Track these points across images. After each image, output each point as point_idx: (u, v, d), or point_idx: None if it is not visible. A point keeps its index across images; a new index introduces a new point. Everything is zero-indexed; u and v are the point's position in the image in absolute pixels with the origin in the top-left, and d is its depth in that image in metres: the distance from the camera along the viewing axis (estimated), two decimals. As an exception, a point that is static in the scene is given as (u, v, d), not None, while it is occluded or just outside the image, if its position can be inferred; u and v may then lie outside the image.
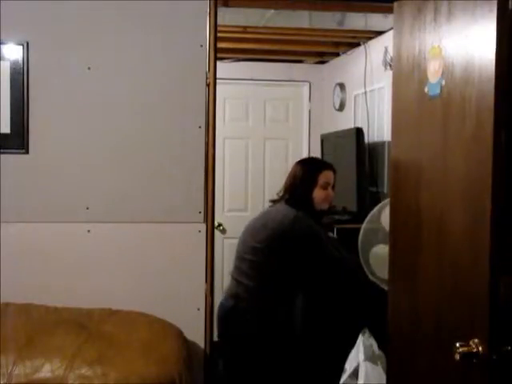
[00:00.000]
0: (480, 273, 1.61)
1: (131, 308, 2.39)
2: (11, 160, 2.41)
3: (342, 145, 4.09)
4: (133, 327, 2.27)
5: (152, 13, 2.44)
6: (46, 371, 1.98)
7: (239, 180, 5.03)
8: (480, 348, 1.59)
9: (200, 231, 2.50)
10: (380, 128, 3.98)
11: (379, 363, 2.53)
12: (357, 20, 3.66)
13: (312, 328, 3.22)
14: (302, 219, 2.75)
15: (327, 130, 4.80)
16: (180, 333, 2.36)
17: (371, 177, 3.93)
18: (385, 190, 3.80)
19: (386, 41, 3.79)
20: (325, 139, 4.62)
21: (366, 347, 2.58)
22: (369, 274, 2.75)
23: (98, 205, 2.46)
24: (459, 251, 1.74)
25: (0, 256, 2.37)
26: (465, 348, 1.61)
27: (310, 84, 5.13)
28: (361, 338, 2.63)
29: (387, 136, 3.78)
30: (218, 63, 2.52)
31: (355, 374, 2.59)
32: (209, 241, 2.51)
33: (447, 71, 1.79)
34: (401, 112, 2.13)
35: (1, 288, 2.34)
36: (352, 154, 3.81)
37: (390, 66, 3.64)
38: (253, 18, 3.57)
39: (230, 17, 3.40)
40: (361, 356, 2.58)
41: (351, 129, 4.05)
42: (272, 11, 3.39)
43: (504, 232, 1.57)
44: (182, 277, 2.50)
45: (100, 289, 2.45)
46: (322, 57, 4.91)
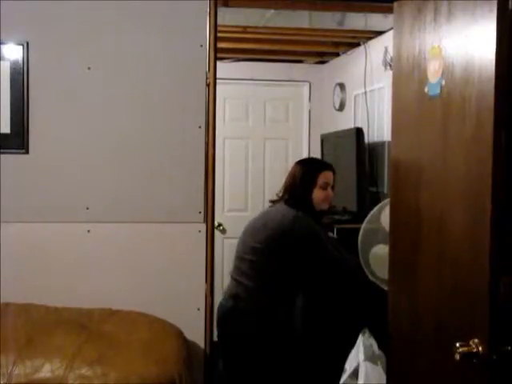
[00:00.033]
0: (480, 273, 1.61)
1: (131, 308, 2.39)
2: (11, 160, 2.41)
3: (342, 145, 4.09)
4: (133, 327, 2.27)
5: (152, 13, 2.45)
6: (46, 371, 1.98)
7: (239, 180, 5.03)
8: (480, 348, 1.59)
9: (200, 231, 2.50)
10: (380, 128, 3.98)
11: (379, 363, 2.53)
12: (357, 20, 3.66)
13: (312, 328, 3.22)
14: (302, 219, 2.75)
15: (327, 130, 4.80)
16: (180, 333, 2.36)
17: (371, 177, 3.93)
18: (385, 190, 3.80)
19: (386, 41, 3.79)
20: (325, 139, 4.62)
21: (366, 347, 2.58)
22: (369, 274, 2.75)
23: (98, 205, 2.46)
24: (459, 251, 1.74)
25: (0, 256, 2.37)
26: (465, 348, 1.61)
27: (310, 84, 5.13)
28: (361, 338, 2.63)
29: (387, 136, 3.78)
30: (218, 63, 2.52)
31: (355, 374, 2.59)
32: (209, 241, 2.51)
33: (447, 71, 1.79)
34: (401, 112, 2.13)
35: (1, 288, 2.35)
36: (352, 154, 3.81)
37: (390, 66, 3.64)
38: (253, 18, 3.57)
39: (230, 17, 3.40)
40: (361, 356, 2.58)
41: (351, 129, 4.05)
42: (272, 11, 3.39)
43: (504, 232, 1.57)
44: (182, 277, 2.50)
45: (100, 289, 2.46)
46: (322, 57, 4.91)
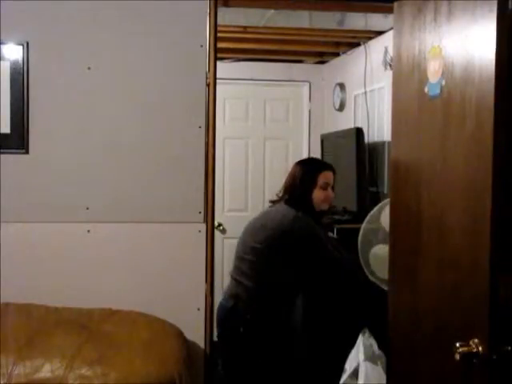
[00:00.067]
0: (480, 273, 1.61)
1: (131, 308, 2.39)
2: (11, 160, 2.41)
3: (342, 145, 4.09)
4: (133, 327, 2.27)
5: (152, 13, 2.45)
6: (46, 371, 1.98)
7: (239, 180, 5.03)
8: (480, 348, 1.59)
9: (200, 231, 2.50)
10: (380, 128, 3.98)
11: (379, 363, 2.53)
12: (357, 20, 3.66)
13: (312, 328, 3.22)
14: (302, 219, 2.75)
15: (327, 130, 4.80)
16: (180, 333, 2.36)
17: (371, 177, 3.93)
18: (385, 190, 3.80)
19: (386, 41, 3.79)
20: (325, 139, 4.62)
21: (366, 347, 2.58)
22: (368, 274, 2.75)
23: (98, 205, 2.46)
24: (459, 251, 1.74)
25: (0, 256, 2.37)
26: (465, 348, 1.62)
27: (310, 84, 5.13)
28: (361, 338, 2.63)
29: (387, 136, 3.78)
30: (218, 63, 2.52)
31: (355, 374, 2.58)
32: (209, 241, 2.51)
33: (447, 71, 1.79)
34: (401, 112, 2.13)
35: (1, 288, 2.34)
36: (352, 154, 3.80)
37: (390, 66, 3.64)
38: (253, 18, 3.57)
39: (230, 17, 3.40)
40: (361, 356, 2.58)
41: (351, 129, 4.05)
42: (272, 11, 3.39)
43: (504, 232, 1.57)
44: (182, 277, 2.50)
45: (100, 289, 2.46)
46: (322, 57, 4.91)
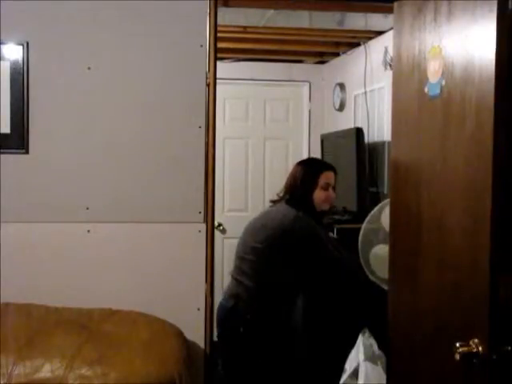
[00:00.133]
0: (480, 273, 1.61)
1: (131, 308, 2.39)
2: (11, 160, 2.41)
3: (342, 145, 4.09)
4: (133, 327, 2.27)
5: (152, 13, 2.44)
6: (46, 371, 1.98)
7: (239, 180, 5.03)
8: (480, 348, 1.59)
9: (200, 231, 2.50)
10: (380, 128, 3.98)
11: (379, 363, 2.53)
12: (357, 20, 3.66)
13: (312, 328, 3.22)
14: (303, 219, 2.75)
15: (327, 130, 4.80)
16: (180, 333, 2.36)
17: (371, 177, 3.93)
18: (385, 191, 3.80)
19: (386, 41, 3.79)
20: (325, 139, 4.62)
21: (366, 347, 2.58)
22: (369, 274, 2.75)
23: (98, 205, 2.46)
24: (459, 251, 1.74)
25: (0, 256, 2.37)
26: (465, 348, 1.62)
27: (310, 84, 5.13)
28: (361, 338, 2.63)
29: (387, 136, 3.78)
30: (218, 63, 2.52)
31: (355, 374, 2.58)
32: (209, 241, 2.51)
33: (447, 71, 1.79)
34: (401, 112, 2.13)
35: (1, 288, 2.34)
36: (352, 154, 3.80)
37: (390, 66, 3.64)
38: (253, 18, 3.58)
39: (230, 17, 3.40)
40: (361, 356, 2.58)
41: (351, 129, 4.05)
42: (272, 11, 3.39)
43: (504, 232, 1.57)
44: (182, 277, 2.50)
45: (100, 289, 2.45)
46: (322, 57, 4.91)
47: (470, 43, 1.68)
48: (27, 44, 2.39)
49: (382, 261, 2.48)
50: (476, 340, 1.60)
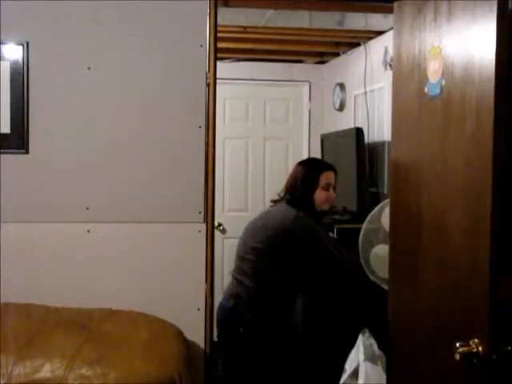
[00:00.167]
0: (480, 273, 1.61)
1: (131, 308, 2.39)
2: (11, 160, 2.41)
3: (342, 145, 4.09)
4: (133, 327, 2.27)
5: (152, 13, 2.44)
6: (46, 371, 1.98)
7: (239, 180, 5.03)
8: (480, 348, 1.59)
9: (200, 231, 2.50)
10: (380, 128, 3.98)
11: (379, 363, 2.53)
12: (357, 20, 3.66)
13: (312, 328, 3.22)
14: (303, 219, 2.75)
15: (327, 130, 4.80)
16: (180, 333, 2.36)
17: (371, 177, 3.93)
18: (385, 191, 3.80)
19: (386, 41, 3.79)
20: (325, 139, 4.62)
21: (366, 347, 2.58)
22: (369, 274, 2.75)
23: (98, 205, 2.46)
24: (459, 251, 1.74)
25: (0, 256, 2.37)
26: (465, 348, 1.62)
27: (310, 84, 5.13)
28: (361, 338, 2.63)
29: (387, 136, 3.78)
30: (218, 63, 2.52)
31: (355, 374, 2.58)
32: (209, 241, 2.51)
33: (447, 71, 1.79)
34: (401, 112, 2.13)
35: (1, 288, 2.34)
36: (352, 154, 3.81)
37: (390, 66, 3.64)
38: (253, 18, 3.58)
39: (230, 17, 3.41)
40: (361, 356, 2.58)
41: (351, 129, 4.05)
42: (272, 11, 3.40)
43: (504, 232, 1.57)
44: (182, 277, 2.50)
45: (100, 289, 2.45)
46: (322, 57, 4.91)
47: (470, 43, 1.68)
48: (27, 44, 2.39)
49: (383, 261, 2.48)
50: (476, 340, 1.60)
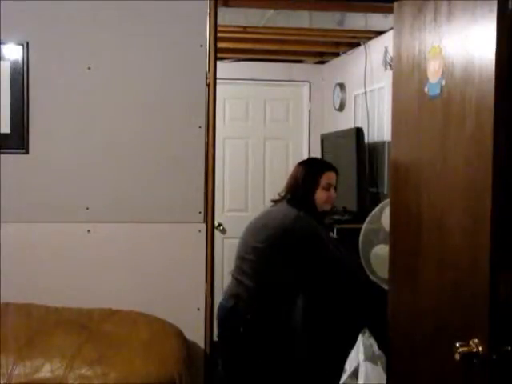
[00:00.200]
0: (480, 273, 1.61)
1: (131, 308, 2.39)
2: (11, 160, 2.41)
3: (342, 145, 4.09)
4: (133, 327, 2.27)
5: (152, 13, 2.44)
6: (46, 371, 1.98)
7: (239, 180, 5.03)
8: (480, 348, 1.59)
9: (200, 231, 2.50)
10: (380, 128, 3.98)
11: (379, 363, 2.53)
12: (357, 20, 3.66)
13: (312, 328, 3.22)
14: (304, 219, 2.75)
15: (327, 130, 4.80)
16: (180, 333, 2.36)
17: (371, 177, 3.93)
18: (385, 191, 3.80)
19: (386, 41, 3.79)
20: (325, 139, 4.62)
21: (366, 347, 2.58)
22: (369, 274, 2.75)
23: (98, 205, 2.46)
24: (459, 251, 1.74)
25: (0, 256, 2.37)
26: (465, 348, 1.62)
27: (310, 84, 5.13)
28: (361, 338, 2.62)
29: (387, 136, 3.78)
30: (218, 63, 2.52)
31: (355, 374, 2.58)
32: (209, 241, 2.51)
33: (447, 71, 1.79)
34: (401, 112, 2.13)
35: (1, 288, 2.34)
36: (352, 154, 3.81)
37: (390, 66, 3.64)
38: (253, 18, 3.58)
39: (230, 17, 3.41)
40: (361, 356, 2.58)
41: (351, 129, 4.05)
42: (272, 11, 3.40)
43: (504, 232, 1.57)
44: (182, 277, 2.50)
45: (100, 289, 2.45)
46: (322, 57, 4.91)
47: (470, 43, 1.68)
48: (27, 44, 2.39)
49: (383, 261, 2.48)
50: (476, 340, 1.60)
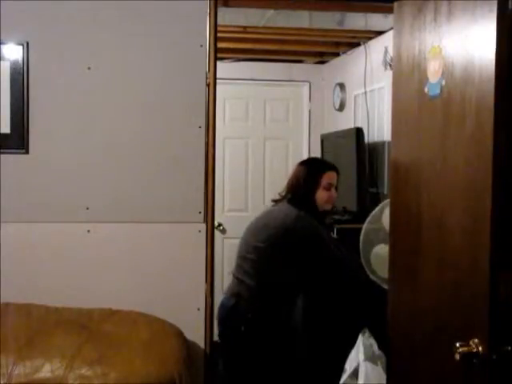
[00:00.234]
0: (480, 272, 1.61)
1: (131, 308, 2.39)
2: (11, 160, 2.40)
3: (342, 145, 4.09)
4: (133, 327, 2.27)
5: (152, 13, 2.44)
6: (46, 371, 1.98)
7: (239, 180, 5.03)
8: (480, 348, 1.59)
9: (200, 231, 2.50)
10: (380, 128, 3.98)
11: (379, 363, 2.53)
12: (357, 20, 3.66)
13: (312, 328, 3.22)
14: (305, 218, 2.75)
15: (327, 130, 4.80)
16: (180, 333, 2.36)
17: (371, 177, 3.93)
18: (385, 191, 3.80)
19: (386, 41, 3.79)
20: (325, 139, 4.62)
21: (366, 347, 2.58)
22: (370, 274, 2.75)
23: (98, 205, 2.46)
24: (459, 251, 1.74)
25: (0, 256, 2.37)
26: (465, 348, 1.62)
27: (310, 84, 5.13)
28: (361, 338, 2.62)
29: (387, 136, 3.78)
30: (218, 63, 2.52)
31: (355, 374, 2.58)
32: (209, 241, 2.51)
33: (447, 71, 1.79)
34: (401, 112, 2.13)
35: (1, 288, 2.34)
36: (352, 154, 3.81)
37: (390, 66, 3.64)
38: (253, 18, 3.58)
39: (230, 17, 3.41)
40: (361, 356, 2.57)
41: (351, 129, 4.05)
42: (272, 11, 3.40)
43: (504, 232, 1.57)
44: (182, 277, 2.50)
45: (100, 289, 2.45)
46: (322, 57, 4.91)
47: (470, 43, 1.68)
48: (27, 44, 2.39)
49: (383, 260, 2.48)
50: (476, 340, 1.60)
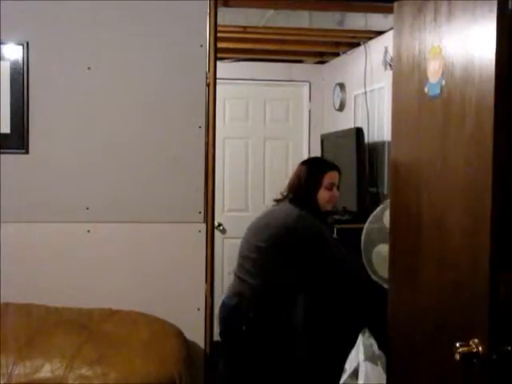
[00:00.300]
0: (480, 272, 1.61)
1: (131, 308, 2.39)
2: (11, 160, 2.41)
3: (342, 145, 4.09)
4: (133, 327, 2.27)
5: (152, 13, 2.44)
6: (46, 371, 1.98)
7: (239, 180, 5.03)
8: (480, 348, 1.59)
9: (200, 231, 2.50)
10: (380, 128, 3.98)
11: (379, 363, 2.53)
12: (357, 20, 3.66)
13: (312, 328, 3.22)
14: (306, 218, 2.75)
15: (327, 130, 4.80)
16: (180, 333, 2.36)
17: (371, 177, 3.93)
18: (385, 191, 3.80)
19: (386, 41, 3.79)
20: (325, 139, 4.62)
21: (366, 347, 2.58)
22: (371, 273, 2.75)
23: (98, 205, 2.46)
24: (459, 251, 1.74)
25: (0, 256, 2.37)
26: (465, 348, 1.62)
27: (310, 84, 5.13)
28: (361, 338, 2.62)
29: (387, 136, 3.78)
30: (218, 63, 2.52)
31: (355, 374, 2.58)
32: (209, 241, 2.51)
33: (447, 71, 1.79)
34: (401, 112, 2.13)
35: (1, 288, 2.34)
36: (352, 154, 3.80)
37: (390, 66, 3.64)
38: (253, 18, 3.58)
39: (230, 17, 3.41)
40: (361, 356, 2.57)
41: (351, 129, 4.05)
42: (272, 11, 3.40)
43: (504, 232, 1.57)
44: (182, 277, 2.50)
45: (100, 289, 2.45)
46: (322, 57, 4.91)
47: (470, 43, 1.68)
48: (27, 44, 2.39)
49: (384, 260, 2.48)
50: (476, 340, 1.60)
